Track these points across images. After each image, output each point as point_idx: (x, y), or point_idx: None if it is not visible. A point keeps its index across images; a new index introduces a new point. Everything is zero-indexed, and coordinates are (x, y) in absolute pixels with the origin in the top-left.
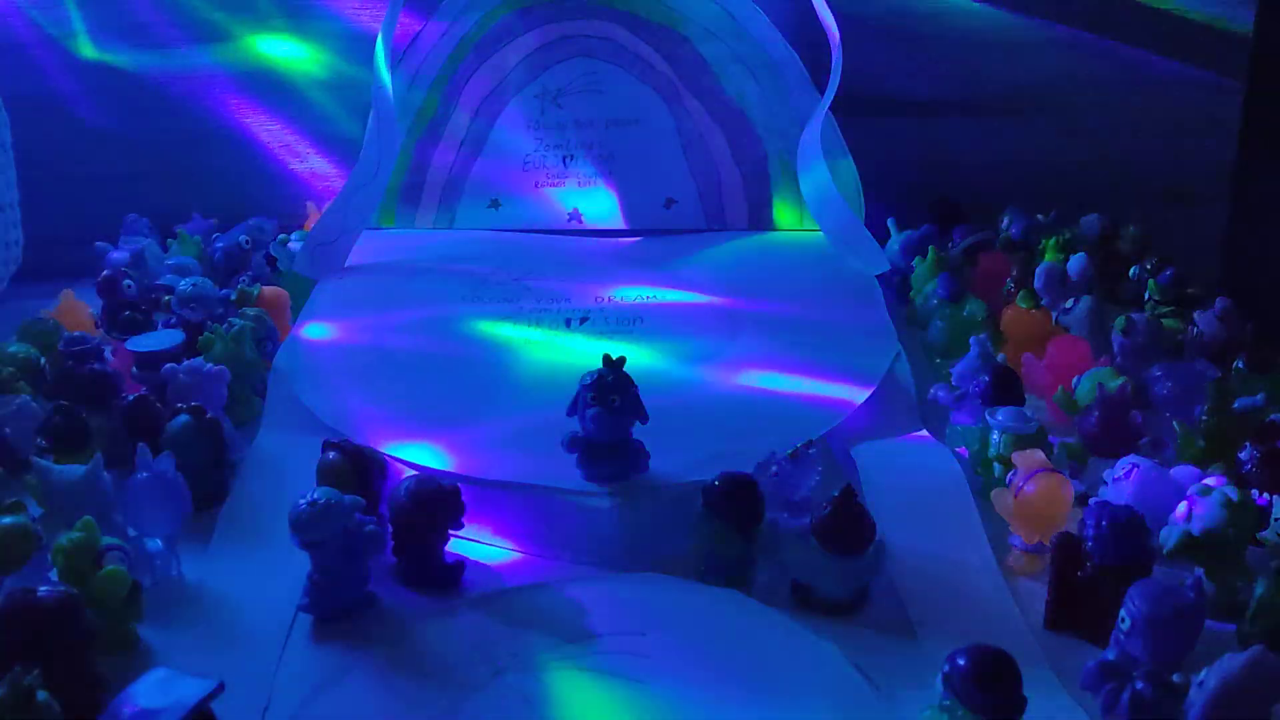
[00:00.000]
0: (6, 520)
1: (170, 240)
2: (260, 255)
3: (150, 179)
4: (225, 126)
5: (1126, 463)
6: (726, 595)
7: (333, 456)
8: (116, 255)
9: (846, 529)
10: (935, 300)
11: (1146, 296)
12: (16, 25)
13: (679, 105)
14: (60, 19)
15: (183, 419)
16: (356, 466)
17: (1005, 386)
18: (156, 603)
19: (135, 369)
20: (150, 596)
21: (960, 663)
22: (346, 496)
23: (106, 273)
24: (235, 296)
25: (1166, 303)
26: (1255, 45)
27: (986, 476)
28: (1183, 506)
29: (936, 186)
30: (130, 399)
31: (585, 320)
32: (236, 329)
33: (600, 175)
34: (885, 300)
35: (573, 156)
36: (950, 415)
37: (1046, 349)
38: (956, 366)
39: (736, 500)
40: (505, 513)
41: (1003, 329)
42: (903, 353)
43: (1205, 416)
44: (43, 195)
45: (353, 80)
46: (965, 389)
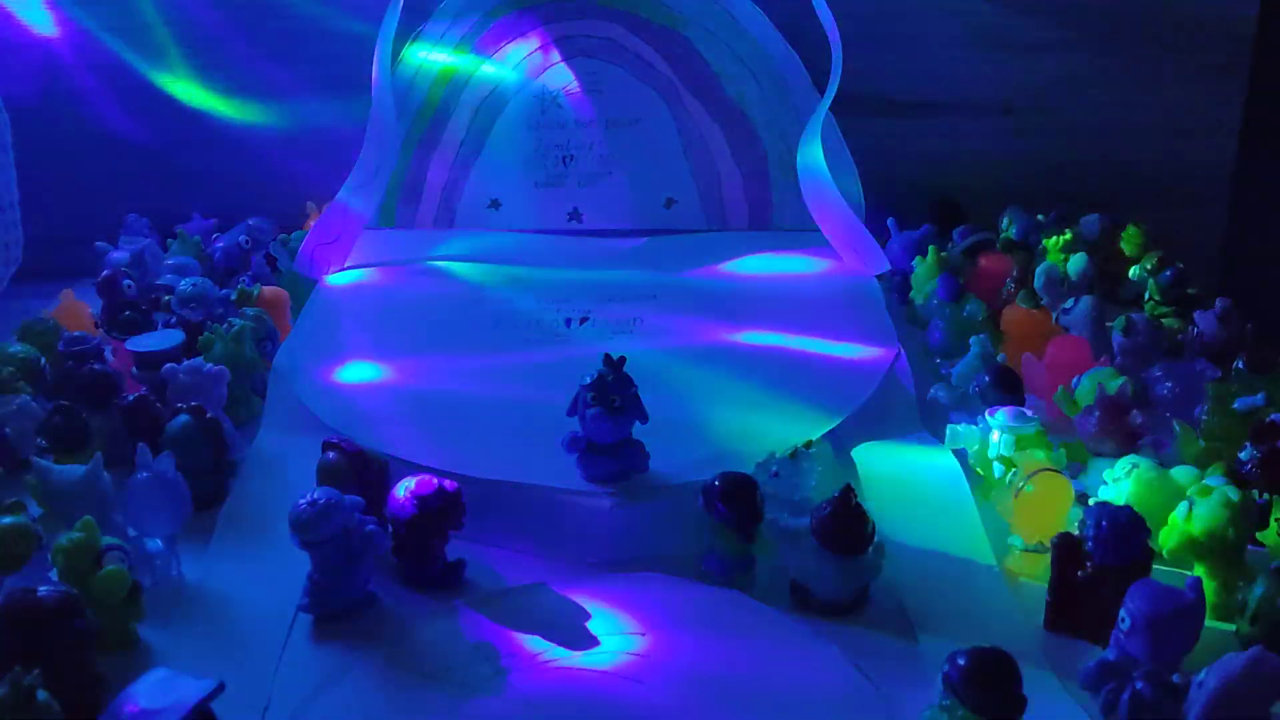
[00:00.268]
0: (6, 520)
1: (170, 240)
2: (260, 255)
3: (150, 179)
4: (225, 126)
5: (1126, 463)
6: (726, 595)
7: (333, 456)
8: (116, 255)
9: (846, 529)
10: (935, 300)
11: (1146, 296)
12: (17, 25)
13: (679, 105)
14: (60, 19)
15: (183, 419)
16: (356, 466)
17: (1005, 386)
18: (156, 603)
19: (135, 369)
20: (150, 596)
21: (960, 663)
22: (346, 496)
23: (106, 273)
24: (235, 296)
25: (1166, 303)
26: (1256, 45)
27: (986, 476)
28: (1183, 506)
29: (936, 186)
30: (130, 399)
31: (585, 320)
32: (236, 329)
33: (600, 175)
34: (885, 300)
35: (573, 156)
36: (950, 415)
37: (1046, 349)
38: (956, 366)
39: (736, 500)
40: (505, 513)
41: (1003, 329)
42: (903, 353)
43: (1205, 416)
44: (43, 195)
45: (353, 80)
46: (965, 389)
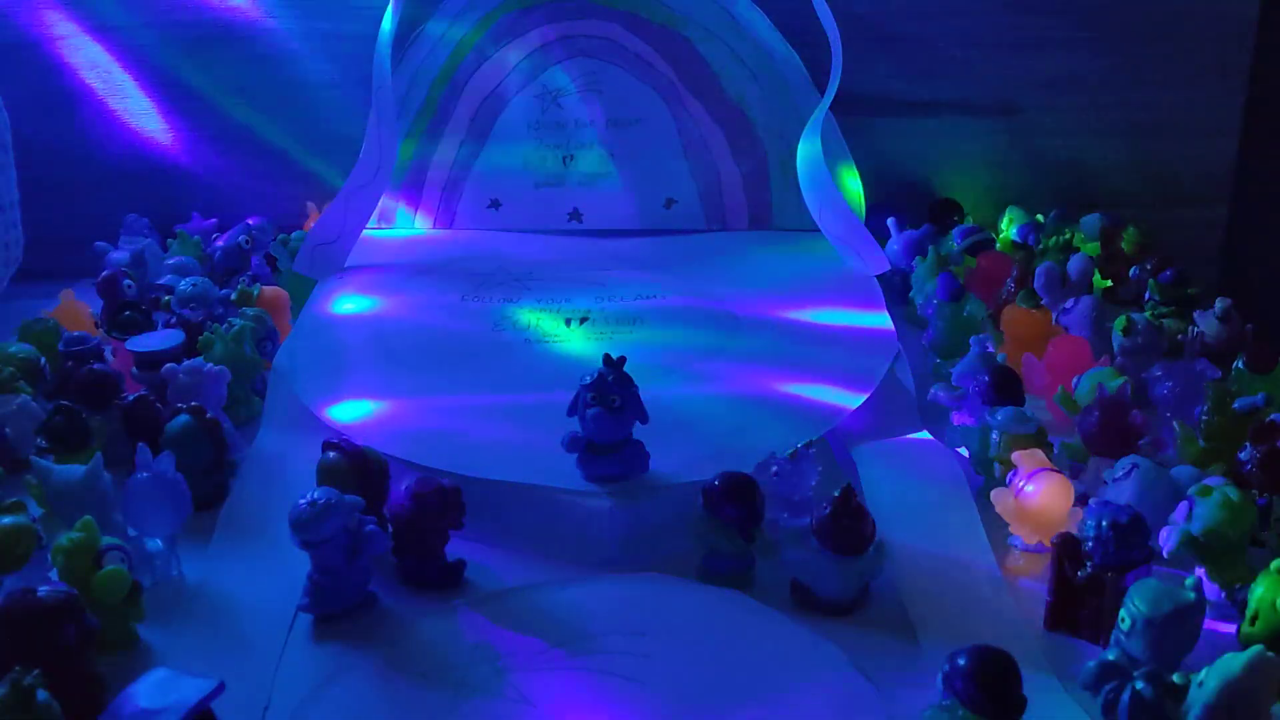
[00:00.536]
0: (6, 520)
1: (170, 240)
2: (260, 255)
3: (150, 179)
4: (225, 126)
5: (1126, 463)
6: (726, 595)
7: (333, 456)
8: (116, 255)
9: (846, 529)
10: (935, 300)
11: (1146, 296)
12: (17, 25)
13: (679, 105)
14: (60, 19)
15: (183, 419)
16: (356, 466)
17: (1005, 386)
18: (156, 603)
19: (135, 369)
20: (150, 596)
21: (960, 663)
22: (346, 496)
23: (106, 273)
24: (235, 296)
25: (1166, 303)
26: (1256, 45)
27: (987, 476)
28: (1183, 506)
29: (936, 186)
30: (130, 399)
31: (585, 320)
32: (236, 329)
33: (600, 175)
34: (885, 300)
35: (573, 156)
36: (950, 415)
37: (1046, 349)
38: (956, 366)
39: (736, 500)
40: (505, 513)
41: (1003, 329)
42: (903, 353)
43: (1205, 416)
44: (43, 195)
45: (353, 80)
46: (965, 389)
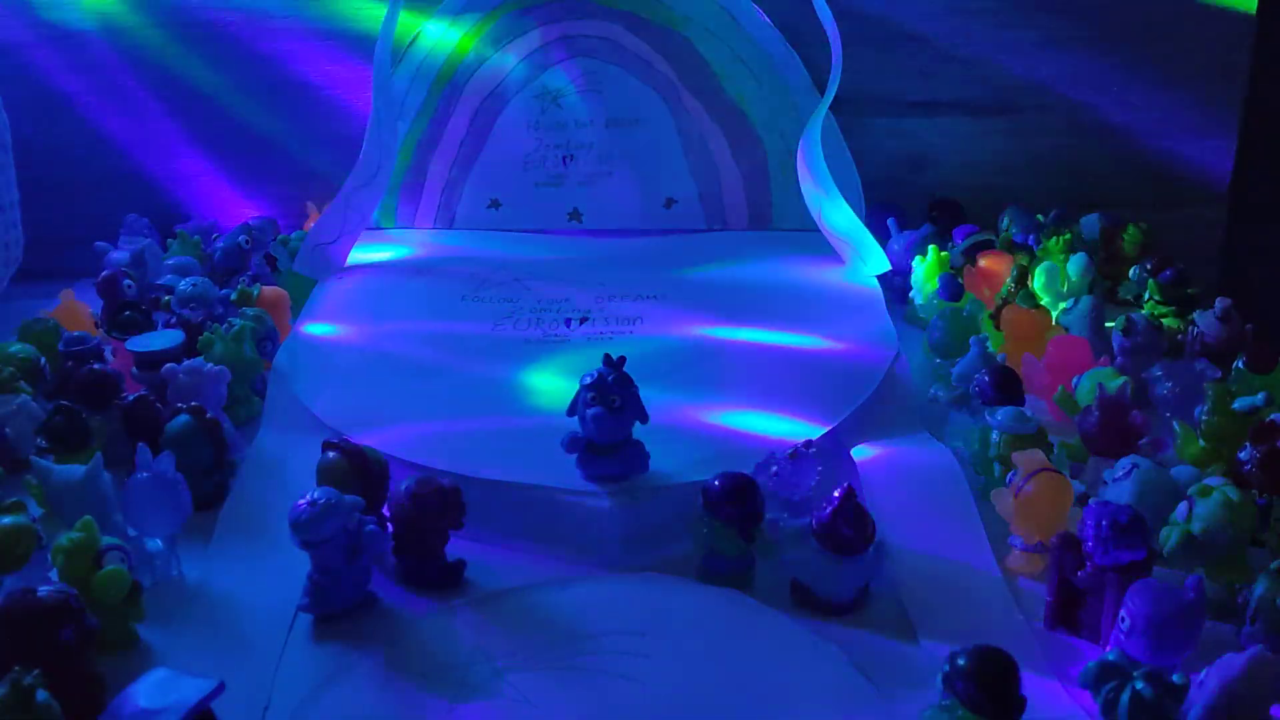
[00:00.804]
0: (6, 520)
1: (170, 240)
2: (260, 255)
3: (150, 179)
4: (225, 126)
5: (1126, 463)
6: (726, 595)
7: (333, 456)
8: (116, 255)
9: (846, 529)
10: (935, 300)
11: (1146, 296)
12: (17, 25)
13: (679, 105)
14: (60, 19)
15: (183, 419)
16: (356, 466)
17: (1005, 386)
18: (156, 603)
19: (135, 369)
20: (150, 596)
21: (960, 663)
22: (346, 496)
23: (106, 273)
24: (235, 296)
25: (1166, 303)
26: (1256, 45)
27: (987, 476)
28: (1183, 506)
29: (936, 187)
30: (130, 399)
31: (585, 320)
32: (236, 329)
33: (600, 175)
34: (885, 300)
35: (573, 156)
36: (950, 415)
37: (1046, 349)
38: (956, 366)
39: (736, 500)
40: (505, 513)
41: (1003, 329)
42: (903, 353)
43: (1205, 416)
44: (43, 195)
45: (353, 80)
46: (965, 389)
